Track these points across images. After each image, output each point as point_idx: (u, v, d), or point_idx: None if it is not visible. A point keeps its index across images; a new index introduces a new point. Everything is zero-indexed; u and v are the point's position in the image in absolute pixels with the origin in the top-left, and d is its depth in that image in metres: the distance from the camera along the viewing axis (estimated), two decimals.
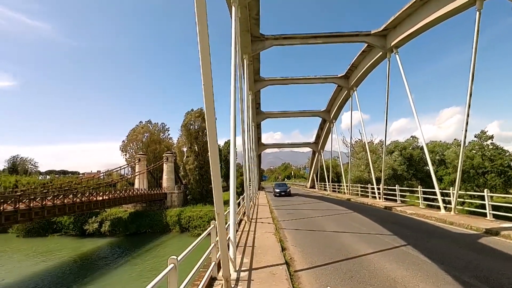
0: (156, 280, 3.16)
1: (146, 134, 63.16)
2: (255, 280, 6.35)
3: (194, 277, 5.29)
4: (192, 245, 4.93)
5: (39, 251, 36.38)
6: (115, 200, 39.78)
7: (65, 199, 30.97)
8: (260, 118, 40.41)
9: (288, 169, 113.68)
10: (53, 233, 44.84)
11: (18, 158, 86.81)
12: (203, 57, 4.24)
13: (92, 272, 27.09)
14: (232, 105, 8.79)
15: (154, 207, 49.30)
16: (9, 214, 23.88)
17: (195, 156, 53.03)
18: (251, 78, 25.51)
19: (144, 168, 54.77)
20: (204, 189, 53.73)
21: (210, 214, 43.06)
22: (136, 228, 44.25)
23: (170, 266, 3.65)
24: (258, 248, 9.22)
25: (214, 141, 4.76)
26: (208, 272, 6.13)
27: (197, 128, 53.95)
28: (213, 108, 4.64)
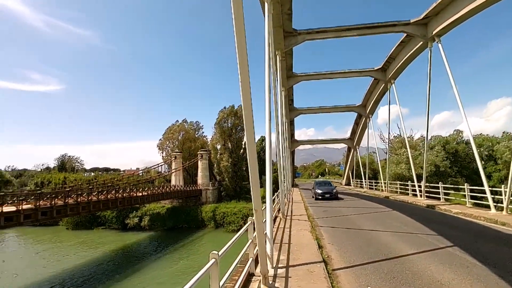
0: (199, 274, 3.24)
1: (181, 133, 65.07)
2: (292, 277, 6.32)
3: (232, 272, 5.36)
4: (231, 241, 5.00)
5: (85, 242, 38.94)
6: (153, 196, 41.49)
7: (108, 194, 32.84)
8: (293, 114, 40.07)
9: (322, 166, 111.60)
10: (98, 227, 47.61)
11: (66, 157, 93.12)
12: (240, 54, 4.25)
13: (133, 264, 28.50)
14: (267, 102, 8.75)
15: (190, 203, 50.73)
16: (59, 208, 25.77)
17: (229, 153, 53.75)
18: (284, 74, 25.33)
19: (180, 165, 56.51)
20: (238, 186, 54.37)
21: (244, 211, 43.54)
22: (173, 223, 45.82)
23: (211, 261, 3.71)
24: (294, 246, 9.17)
25: (252, 139, 4.77)
26: (246, 268, 6.20)
27: (230, 125, 54.60)
28: (251, 106, 4.64)
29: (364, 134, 41.95)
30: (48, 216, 24.85)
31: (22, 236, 45.26)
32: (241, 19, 4.10)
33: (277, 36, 18.57)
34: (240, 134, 55.21)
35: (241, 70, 4.35)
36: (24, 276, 25.82)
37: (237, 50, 4.24)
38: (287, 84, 28.03)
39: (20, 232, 46.20)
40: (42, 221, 25.56)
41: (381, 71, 29.10)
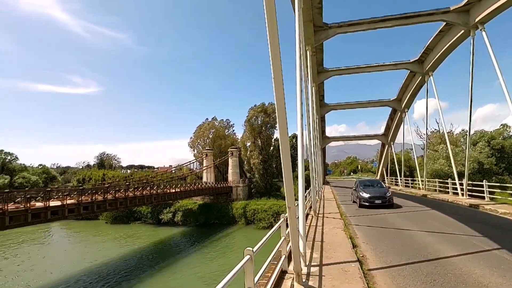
0: (235, 270, 3.25)
1: (212, 131, 66.22)
2: (326, 276, 6.19)
3: (265, 269, 5.34)
4: (264, 238, 4.97)
5: (123, 236, 40.86)
6: (185, 193, 42.62)
7: (143, 191, 34.17)
8: (324, 110, 39.34)
9: (354, 163, 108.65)
10: (134, 221, 49.76)
11: (104, 155, 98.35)
12: (273, 50, 4.20)
13: (168, 257, 29.46)
14: (298, 98, 8.62)
15: (220, 199, 51.54)
16: (99, 203, 27.19)
17: (259, 151, 53.91)
18: (314, 69, 24.88)
19: (211, 163, 57.58)
20: (268, 183, 54.41)
21: (274, 208, 43.50)
22: (205, 219, 46.80)
23: (246, 257, 3.71)
24: (327, 244, 9.01)
25: (285, 136, 4.70)
26: (279, 265, 6.16)
27: (260, 123, 54.68)
28: (284, 102, 4.57)
29: (399, 129, 40.27)
30: (89, 210, 26.31)
31: (66, 229, 48.42)
32: (274, 15, 4.04)
33: (307, 31, 18.26)
34: (270, 131, 55.15)
35: (274, 67, 4.29)
36: (66, 268, 27.58)
37: (269, 47, 4.19)
38: (317, 79, 27.52)
39: (65, 225, 49.44)
40: (84, 215, 27.13)
41: (417, 63, 27.70)
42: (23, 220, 20.37)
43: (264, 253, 5.77)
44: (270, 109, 54.44)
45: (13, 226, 20.03)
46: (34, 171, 74.13)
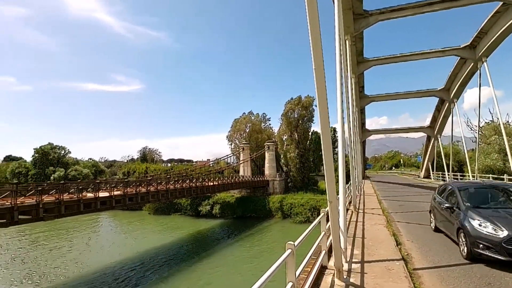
0: (277, 263, 3.25)
1: (248, 125, 66.70)
2: (368, 274, 5.98)
3: (305, 264, 5.26)
4: (305, 232, 4.88)
5: (165, 226, 42.81)
6: (223, 186, 43.51)
7: (183, 183, 35.42)
8: (364, 102, 37.86)
9: (396, 157, 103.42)
10: (175, 213, 51.79)
11: (146, 149, 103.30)
12: (314, 40, 4.05)
13: (207, 248, 30.37)
14: (338, 90, 8.33)
15: (257, 193, 51.96)
16: (143, 195, 28.64)
17: (296, 145, 53.42)
18: (354, 59, 23.95)
19: (247, 157, 58.14)
20: (305, 177, 53.86)
21: (311, 202, 43.01)
22: (242, 212, 47.52)
23: (288, 251, 3.67)
24: (369, 240, 8.72)
25: (327, 129, 4.53)
26: (319, 260, 6.05)
27: (297, 116, 54.02)
28: (325, 94, 4.41)
29: (447, 121, 37.69)
30: (134, 201, 27.84)
31: (113, 218, 51.76)
32: (315, 4, 3.89)
33: (346, 20, 17.57)
34: (307, 125, 54.34)
35: (315, 58, 4.16)
36: (115, 254, 29.50)
37: (310, 37, 4.06)
38: (357, 70, 26.48)
39: (112, 215, 52.82)
40: (129, 206, 28.76)
41: (469, 48, 25.56)
42: (76, 209, 22.07)
43: (302, 248, 5.69)
44: (306, 102, 53.56)
45: (68, 214, 21.77)
46: (85, 165, 79.89)
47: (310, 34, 4.01)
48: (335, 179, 5.01)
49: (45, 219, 20.23)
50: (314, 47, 4.08)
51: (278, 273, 3.19)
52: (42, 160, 70.53)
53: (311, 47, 4.10)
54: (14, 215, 17.87)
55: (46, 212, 19.91)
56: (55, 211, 20.50)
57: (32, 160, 71.97)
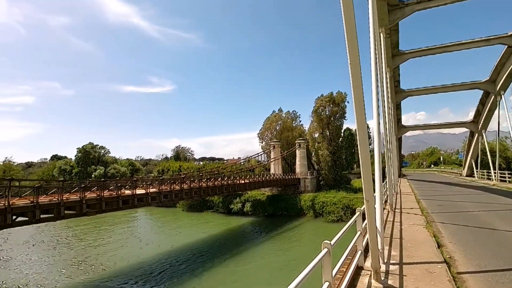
0: (313, 263, 3.23)
1: (279, 122, 66.45)
2: (408, 276, 5.73)
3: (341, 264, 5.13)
4: (341, 232, 4.77)
5: (198, 223, 43.87)
6: (254, 184, 43.72)
7: (215, 181, 36.06)
8: (400, 97, 36.27)
9: (435, 154, 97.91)
10: (207, 210, 52.90)
11: (179, 148, 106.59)
12: (349, 34, 3.93)
13: (239, 245, 30.69)
14: (373, 85, 8.05)
15: (288, 191, 51.72)
16: (177, 192, 29.52)
17: (327, 142, 52.44)
18: (389, 53, 23.00)
19: (278, 155, 57.99)
20: (338, 175, 52.76)
21: (344, 201, 42.10)
22: (273, 210, 47.51)
23: (324, 250, 3.61)
24: (407, 241, 8.36)
25: (363, 125, 4.39)
26: (355, 260, 5.89)
27: (328, 113, 52.94)
28: (361, 90, 4.27)
29: (492, 115, 35.11)
30: (168, 198, 28.76)
31: (149, 214, 53.94)
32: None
33: (381, 11, 16.88)
34: (339, 122, 53.15)
35: (350, 52, 4.03)
36: (152, 248, 30.69)
37: (345, 30, 3.95)
38: (392, 63, 25.41)
39: (148, 211, 55.05)
40: (164, 203, 29.71)
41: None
42: (115, 205, 23.21)
43: (335, 248, 5.55)
44: (338, 99, 52.33)
45: (108, 210, 22.96)
46: (123, 163, 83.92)
47: (345, 28, 3.90)
48: (371, 177, 4.84)
49: (88, 214, 21.50)
50: (350, 41, 3.96)
51: (314, 272, 3.14)
52: (84, 158, 75.13)
53: (346, 42, 3.98)
54: (60, 210, 19.15)
55: (88, 208, 21.16)
56: (96, 207, 21.72)
57: (76, 158, 76.91)
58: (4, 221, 16.38)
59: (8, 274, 24.18)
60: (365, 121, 4.40)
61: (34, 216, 17.75)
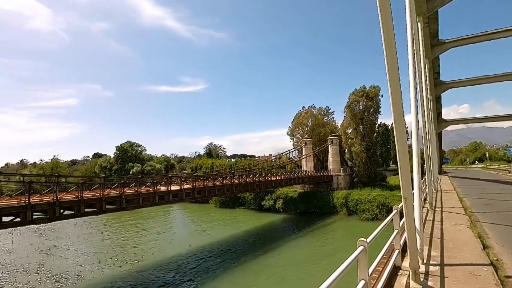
0: (348, 261, 3.17)
1: (310, 118, 65.54)
2: (450, 278, 5.43)
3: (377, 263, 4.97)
4: (377, 230, 4.62)
5: (230, 219, 44.62)
6: (285, 181, 43.58)
7: (247, 178, 36.39)
8: (440, 89, 34.22)
9: (479, 149, 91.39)
10: (239, 206, 53.60)
11: (212, 145, 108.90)
12: (385, 25, 3.78)
13: (271, 242, 30.79)
14: (411, 77, 7.68)
15: (321, 188, 51.01)
16: (210, 188, 30.17)
17: (361, 138, 50.91)
18: (427, 43, 21.77)
19: (310, 151, 57.31)
20: (372, 172, 51.12)
21: (379, 199, 40.77)
22: (305, 207, 47.13)
23: (360, 248, 3.54)
24: (448, 242, 7.93)
25: (400, 120, 4.21)
26: (392, 260, 5.68)
27: (362, 108, 51.31)
28: (398, 83, 4.09)
29: None
30: (202, 195, 29.47)
31: (183, 210, 55.64)
32: None
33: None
34: (373, 116, 51.37)
35: (387, 44, 3.87)
36: (187, 243, 31.66)
37: (381, 21, 3.79)
38: (431, 54, 24.02)
39: (182, 207, 56.78)
40: (197, 199, 30.51)
41: None
42: (152, 201, 24.18)
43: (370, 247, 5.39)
44: (372, 93, 50.53)
45: (145, 205, 23.98)
46: (158, 160, 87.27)
47: (380, 18, 3.75)
48: (410, 174, 4.63)
49: (127, 209, 22.64)
50: (386, 32, 3.80)
51: (349, 271, 3.07)
52: (122, 156, 79.19)
53: (382, 33, 3.82)
54: (102, 204, 20.33)
55: (127, 203, 22.24)
56: (134, 202, 22.79)
57: (115, 156, 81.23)
58: (53, 214, 17.70)
59: (54, 262, 26.31)
60: (403, 115, 4.20)
61: (79, 210, 19.00)
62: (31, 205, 16.69)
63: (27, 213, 16.50)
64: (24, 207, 16.43)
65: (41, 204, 17.49)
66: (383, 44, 3.88)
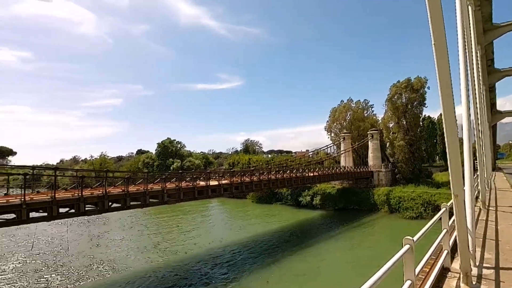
0: (393, 260, 3.04)
1: (348, 113, 63.55)
2: (506, 283, 5.01)
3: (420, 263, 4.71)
4: (425, 228, 4.36)
5: (267, 215, 44.89)
6: (323, 177, 42.88)
7: (284, 174, 36.31)
8: (494, 78, 31.32)
9: None
10: (276, 202, 53.73)
11: (248, 141, 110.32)
12: (433, 9, 3.52)
13: (307, 239, 30.53)
14: (462, 66, 7.13)
15: (360, 184, 49.53)
16: (247, 184, 30.57)
17: (404, 132, 48.43)
18: (479, 27, 20.02)
19: (348, 146, 55.74)
20: (416, 168, 48.55)
21: (424, 196, 38.67)
22: (343, 204, 46.08)
23: (406, 247, 3.37)
24: (504, 244, 7.30)
25: (450, 112, 3.92)
26: (440, 261, 5.35)
27: (405, 100, 48.72)
28: (448, 72, 3.80)
29: None
30: (239, 190, 29.96)
31: (221, 204, 56.92)
32: None
33: None
34: (417, 109, 48.67)
35: (435, 30, 3.62)
36: (225, 237, 32.40)
37: (428, 5, 3.54)
38: (483, 40, 22.06)
39: (220, 202, 58.07)
40: (235, 194, 31.05)
41: None
42: (191, 195, 25.05)
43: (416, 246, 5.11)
44: (417, 84, 47.76)
45: (185, 200, 24.91)
46: (197, 156, 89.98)
47: (427, 3, 3.50)
48: (461, 170, 4.31)
49: (168, 203, 23.65)
50: (433, 18, 3.54)
51: (394, 270, 2.94)
52: (163, 152, 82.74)
53: (429, 19, 3.58)
54: (146, 198, 21.44)
55: (169, 197, 23.25)
56: (175, 196, 23.75)
57: (156, 152, 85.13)
58: (102, 206, 19.05)
59: (102, 250, 28.34)
60: (453, 107, 3.91)
61: (125, 203, 20.23)
62: (84, 198, 18.10)
63: (80, 205, 17.93)
64: (78, 200, 17.88)
65: (92, 197, 18.92)
66: (430, 31, 3.63)
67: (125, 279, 21.04)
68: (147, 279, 20.97)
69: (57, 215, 17.14)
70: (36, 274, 22.09)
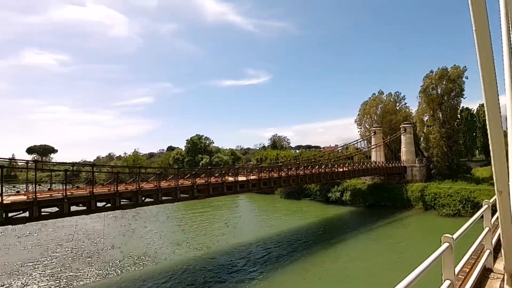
0: (431, 258, 2.89)
1: (379, 106, 61.46)
2: None
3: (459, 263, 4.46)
4: (466, 225, 4.13)
5: (296, 210, 44.71)
6: (353, 172, 41.93)
7: (312, 169, 35.89)
8: None
9: None
10: (304, 197, 53.23)
11: (276, 136, 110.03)
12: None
13: (337, 235, 30.08)
14: (506, 52, 6.60)
15: (392, 180, 47.91)
16: (275, 179, 30.59)
17: (440, 125, 46.03)
18: None
19: (380, 141, 53.96)
20: (454, 163, 46.06)
21: (462, 193, 36.69)
22: (374, 200, 44.84)
23: (445, 245, 3.20)
24: None
25: (494, 102, 3.64)
26: (481, 261, 5.05)
27: (441, 91, 46.22)
28: (492, 59, 3.54)
29: None
30: (267, 186, 30.05)
31: (250, 200, 57.36)
32: None
33: None
34: (454, 101, 46.04)
35: (476, 16, 3.36)
36: (253, 232, 32.70)
37: None
38: None
39: (248, 197, 58.51)
40: (263, 190, 31.22)
41: None
42: (220, 191, 25.47)
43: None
44: (454, 74, 45.12)
45: (214, 195, 25.39)
46: (225, 152, 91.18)
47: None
48: (506, 164, 4.00)
49: (198, 198, 24.25)
50: (474, 1, 3.30)
51: (432, 269, 2.81)
52: (192, 149, 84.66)
53: (470, 3, 3.33)
54: (177, 193, 22.08)
55: (199, 192, 23.82)
56: (205, 191, 24.26)
57: (185, 149, 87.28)
58: (136, 201, 19.88)
59: (136, 242, 29.58)
60: (497, 97, 3.63)
61: (158, 197, 20.97)
62: (119, 193, 18.99)
63: (116, 199, 18.84)
64: (114, 194, 18.79)
65: (127, 192, 19.80)
66: (471, 17, 3.38)
67: (161, 271, 21.92)
68: (181, 272, 21.68)
69: (95, 209, 18.16)
70: (75, 263, 23.56)
